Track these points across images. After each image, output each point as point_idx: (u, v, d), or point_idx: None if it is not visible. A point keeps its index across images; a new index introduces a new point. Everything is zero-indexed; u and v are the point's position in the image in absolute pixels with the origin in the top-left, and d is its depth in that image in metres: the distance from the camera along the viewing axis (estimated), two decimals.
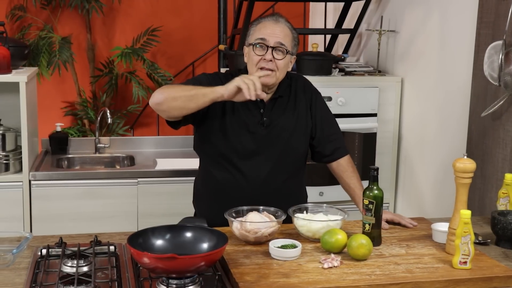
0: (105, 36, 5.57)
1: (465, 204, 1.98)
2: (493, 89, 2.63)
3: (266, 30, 2.25)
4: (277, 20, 2.28)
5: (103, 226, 3.26)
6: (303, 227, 2.08)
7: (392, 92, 3.65)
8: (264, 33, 2.24)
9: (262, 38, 2.23)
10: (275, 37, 2.23)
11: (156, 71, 5.32)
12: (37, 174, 3.34)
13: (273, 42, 2.23)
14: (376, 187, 2.03)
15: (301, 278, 1.76)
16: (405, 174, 3.68)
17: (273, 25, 2.26)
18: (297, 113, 2.36)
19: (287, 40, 2.26)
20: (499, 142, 2.61)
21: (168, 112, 2.20)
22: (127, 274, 1.81)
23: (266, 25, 2.27)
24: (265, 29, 2.25)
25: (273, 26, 2.26)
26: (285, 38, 2.25)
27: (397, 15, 3.74)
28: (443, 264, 1.89)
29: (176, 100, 2.15)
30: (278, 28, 2.26)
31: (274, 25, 2.26)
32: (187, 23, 5.63)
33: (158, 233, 1.84)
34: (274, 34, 2.24)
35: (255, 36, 2.26)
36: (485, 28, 2.71)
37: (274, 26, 2.26)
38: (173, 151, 4.00)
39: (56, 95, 5.49)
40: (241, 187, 2.32)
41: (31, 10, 5.30)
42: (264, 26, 2.27)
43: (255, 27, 2.29)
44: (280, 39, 2.24)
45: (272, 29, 2.25)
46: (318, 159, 2.46)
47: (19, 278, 1.79)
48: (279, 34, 2.24)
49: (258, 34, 2.26)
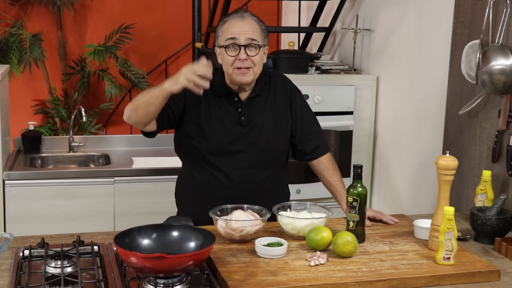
0: (76, 33, 5.49)
1: (448, 201, 2.01)
2: (470, 87, 2.68)
3: (234, 29, 2.23)
4: (242, 16, 2.26)
5: (79, 226, 3.22)
6: (287, 225, 2.09)
7: (368, 90, 3.69)
8: (232, 32, 2.22)
9: (232, 38, 2.21)
10: (245, 34, 2.22)
11: (129, 69, 5.27)
12: (11, 174, 3.28)
13: (244, 40, 2.21)
14: (360, 184, 2.04)
15: (289, 276, 1.76)
16: (380, 171, 3.72)
17: (239, 22, 2.24)
18: (276, 111, 2.36)
19: (257, 34, 2.25)
20: (475, 139, 2.66)
21: (139, 122, 2.20)
22: (113, 274, 1.79)
23: (233, 23, 2.25)
24: (233, 28, 2.23)
25: (240, 23, 2.24)
26: (254, 33, 2.24)
27: (372, 14, 3.78)
28: (427, 260, 1.92)
29: (138, 109, 2.16)
30: (245, 24, 2.24)
31: (241, 22, 2.24)
32: (160, 20, 5.59)
33: (144, 232, 1.83)
34: (243, 31, 2.22)
35: (225, 36, 2.24)
36: (461, 27, 2.76)
37: (241, 23, 2.24)
38: (147, 149, 3.97)
39: (26, 93, 5.39)
40: (223, 187, 2.31)
41: (0, 6, 5.20)
42: (232, 25, 2.24)
43: (222, 27, 2.27)
44: (250, 35, 2.22)
45: (240, 27, 2.23)
46: (299, 157, 2.47)
47: (2, 280, 1.76)
48: (248, 30, 2.23)
49: (227, 34, 2.24)
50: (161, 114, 2.21)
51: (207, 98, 2.30)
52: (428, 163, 3.18)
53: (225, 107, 2.31)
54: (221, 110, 2.30)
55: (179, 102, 2.28)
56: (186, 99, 2.28)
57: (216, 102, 2.31)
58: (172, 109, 2.26)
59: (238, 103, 2.31)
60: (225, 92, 2.31)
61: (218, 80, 2.32)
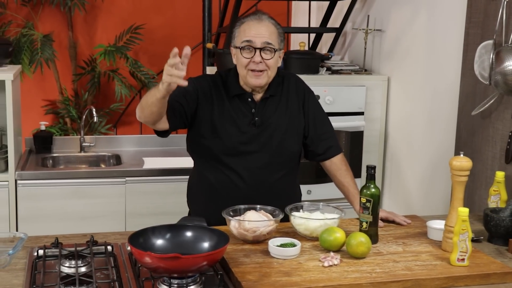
0: (87, 33, 5.51)
1: (462, 202, 2.01)
2: (482, 88, 2.67)
3: (251, 32, 2.22)
4: (260, 18, 2.25)
5: (91, 226, 3.23)
6: (300, 226, 2.08)
7: (379, 91, 3.68)
8: (249, 35, 2.22)
9: (248, 40, 2.21)
10: (261, 38, 2.21)
11: (139, 69, 5.28)
12: (23, 174, 3.30)
13: (260, 43, 2.21)
14: (373, 185, 2.04)
15: (303, 277, 1.76)
16: (391, 172, 3.71)
17: (257, 25, 2.23)
18: (289, 112, 2.36)
19: (273, 37, 2.24)
20: (488, 140, 2.65)
21: (147, 122, 2.17)
22: (127, 274, 1.80)
23: (250, 25, 2.24)
24: (250, 30, 2.23)
25: (257, 25, 2.23)
26: (271, 36, 2.23)
27: (383, 14, 3.77)
28: (441, 261, 1.91)
29: (144, 109, 2.12)
30: (262, 27, 2.23)
31: (258, 25, 2.23)
32: (170, 20, 5.59)
33: (158, 232, 1.84)
34: (260, 34, 2.21)
35: (241, 38, 2.24)
36: (474, 27, 2.75)
37: (258, 25, 2.23)
38: (158, 149, 3.98)
39: (37, 94, 5.41)
40: (235, 187, 2.31)
41: (11, 6, 5.22)
42: (249, 27, 2.24)
43: (239, 28, 2.27)
44: (266, 39, 2.21)
45: (256, 30, 2.22)
46: (311, 158, 2.47)
47: (17, 280, 1.77)
48: (265, 33, 2.22)
49: (243, 36, 2.23)
50: (172, 113, 2.20)
51: (220, 98, 2.30)
52: (439, 164, 3.17)
53: (238, 107, 2.31)
54: (235, 110, 2.31)
55: (192, 101, 2.27)
56: (199, 98, 2.28)
57: (230, 102, 2.31)
58: (184, 108, 2.26)
59: (251, 103, 2.31)
60: (238, 93, 2.31)
61: (231, 80, 2.32)
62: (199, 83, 2.31)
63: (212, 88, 2.32)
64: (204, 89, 2.30)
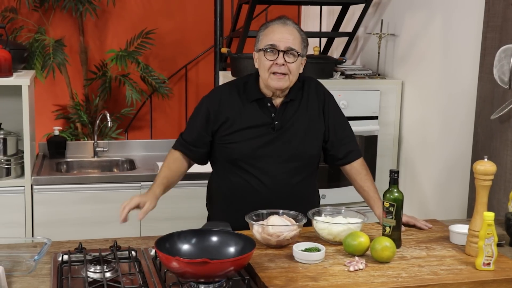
0: (98, 38, 5.53)
1: (486, 206, 2.00)
2: (500, 92, 2.66)
3: (275, 35, 2.25)
4: (285, 23, 2.28)
5: (107, 231, 3.22)
6: (323, 230, 2.08)
7: (393, 95, 3.68)
8: (273, 39, 2.24)
9: (272, 44, 2.23)
10: (285, 42, 2.23)
11: (150, 74, 5.29)
12: (39, 179, 3.30)
13: (284, 47, 2.23)
14: (397, 189, 2.04)
15: (329, 281, 1.76)
16: (405, 176, 3.70)
17: (281, 29, 2.26)
18: (309, 116, 2.37)
19: (297, 42, 2.26)
20: (507, 144, 2.64)
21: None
22: (153, 279, 1.80)
23: (274, 29, 2.27)
24: (274, 34, 2.25)
25: (282, 30, 2.26)
26: (294, 41, 2.25)
27: (396, 19, 3.77)
28: (466, 266, 1.91)
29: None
30: (286, 31, 2.25)
31: (283, 29, 2.26)
32: (180, 25, 5.61)
33: (184, 237, 1.84)
34: (284, 38, 2.24)
35: (265, 41, 2.26)
36: (492, 32, 2.74)
37: (282, 30, 2.26)
38: None
39: (48, 98, 5.43)
40: (255, 191, 2.31)
41: (22, 12, 5.23)
42: (273, 31, 2.26)
43: (264, 32, 2.29)
44: (290, 43, 2.23)
45: (281, 34, 2.25)
46: (331, 162, 2.47)
47: (43, 285, 1.77)
48: (289, 37, 2.24)
49: (268, 39, 2.25)
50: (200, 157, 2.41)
51: (240, 103, 2.31)
52: (455, 168, 3.16)
53: (258, 112, 2.31)
54: (254, 115, 2.31)
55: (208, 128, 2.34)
56: (211, 118, 2.33)
57: (249, 107, 2.32)
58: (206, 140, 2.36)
59: (271, 108, 2.32)
60: (258, 97, 2.32)
61: (251, 85, 2.33)
62: (211, 103, 2.36)
63: (228, 96, 2.34)
64: (214, 106, 2.34)
